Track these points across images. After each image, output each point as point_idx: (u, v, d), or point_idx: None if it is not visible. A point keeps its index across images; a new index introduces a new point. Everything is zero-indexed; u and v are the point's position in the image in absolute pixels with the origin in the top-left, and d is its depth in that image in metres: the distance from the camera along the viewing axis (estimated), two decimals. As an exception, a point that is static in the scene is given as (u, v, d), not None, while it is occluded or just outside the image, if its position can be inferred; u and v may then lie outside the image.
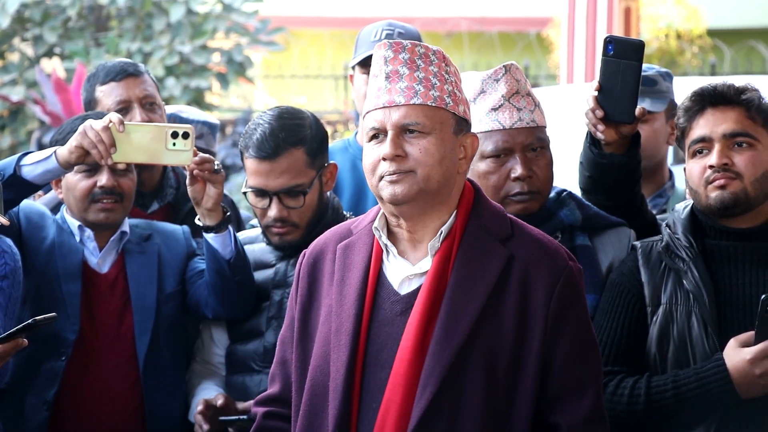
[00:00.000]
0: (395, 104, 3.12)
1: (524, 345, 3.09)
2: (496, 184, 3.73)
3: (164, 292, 4.14)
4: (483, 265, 3.12)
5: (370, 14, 15.39)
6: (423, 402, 3.03)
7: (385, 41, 3.18)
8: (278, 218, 4.00)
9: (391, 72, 3.15)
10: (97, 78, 4.50)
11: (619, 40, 3.82)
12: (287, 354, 3.28)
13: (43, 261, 4.07)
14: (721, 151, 3.53)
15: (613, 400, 3.50)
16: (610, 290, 3.65)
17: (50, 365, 4.03)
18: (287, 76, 14.97)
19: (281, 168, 3.97)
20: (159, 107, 4.50)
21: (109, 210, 4.07)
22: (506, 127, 3.72)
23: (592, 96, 3.80)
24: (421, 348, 3.07)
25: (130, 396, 4.07)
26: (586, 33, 10.96)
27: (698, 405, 3.44)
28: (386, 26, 4.93)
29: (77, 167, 4.01)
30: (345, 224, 3.31)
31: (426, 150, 3.10)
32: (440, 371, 3.04)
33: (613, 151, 3.83)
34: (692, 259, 3.54)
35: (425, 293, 3.10)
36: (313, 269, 3.25)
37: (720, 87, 3.59)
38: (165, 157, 3.87)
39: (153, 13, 10.98)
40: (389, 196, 3.10)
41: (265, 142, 3.95)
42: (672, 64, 14.38)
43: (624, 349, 3.57)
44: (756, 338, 3.37)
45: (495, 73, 3.76)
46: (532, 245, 3.17)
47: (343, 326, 3.12)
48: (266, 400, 3.34)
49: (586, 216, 3.80)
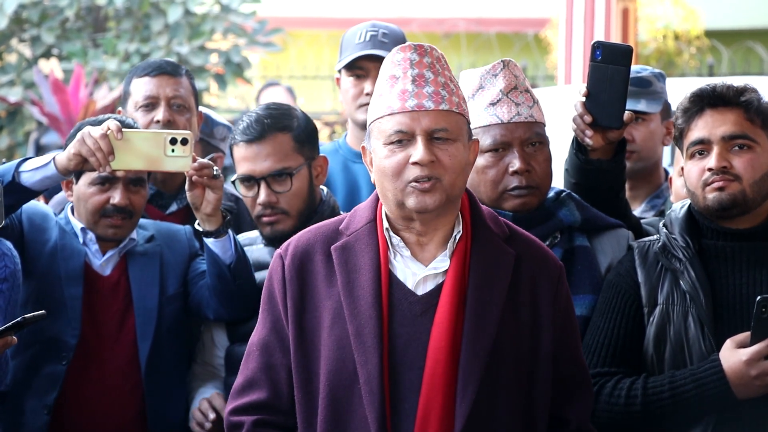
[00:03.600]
0: (424, 108, 3.12)
1: (539, 341, 3.19)
2: (494, 179, 3.73)
3: (166, 294, 4.13)
4: (497, 264, 3.18)
5: (367, 15, 15.38)
6: (467, 402, 3.07)
7: (409, 44, 3.19)
8: (266, 203, 4.02)
9: (417, 75, 3.15)
10: (136, 71, 4.52)
11: (607, 45, 3.82)
12: (273, 359, 3.22)
13: (45, 263, 4.07)
14: (719, 154, 3.52)
15: (610, 401, 3.51)
16: (607, 291, 3.65)
17: (51, 369, 4.02)
18: (285, 77, 14.95)
19: (267, 151, 4.01)
20: (188, 111, 4.49)
21: (117, 227, 4.08)
22: (504, 122, 3.72)
23: (580, 102, 3.80)
24: (453, 348, 3.10)
25: (132, 399, 4.06)
26: (584, 34, 10.96)
27: (695, 406, 3.44)
28: (370, 27, 4.93)
29: (91, 179, 4.03)
30: (326, 225, 3.28)
31: (454, 157, 3.13)
32: (478, 371, 3.09)
33: (600, 156, 3.84)
34: (689, 259, 3.54)
35: (449, 293, 3.13)
36: (302, 271, 3.21)
37: (719, 88, 3.57)
38: (164, 163, 3.86)
39: (151, 14, 10.97)
40: (418, 205, 3.11)
41: (251, 126, 4.03)
42: (670, 65, 14.39)
43: (621, 350, 3.57)
44: (752, 339, 3.38)
45: (493, 68, 3.76)
46: (529, 245, 3.25)
47: (365, 328, 3.11)
48: (250, 408, 3.23)
49: (586, 217, 3.80)
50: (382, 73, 3.21)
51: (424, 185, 3.10)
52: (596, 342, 3.59)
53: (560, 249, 3.76)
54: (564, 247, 3.76)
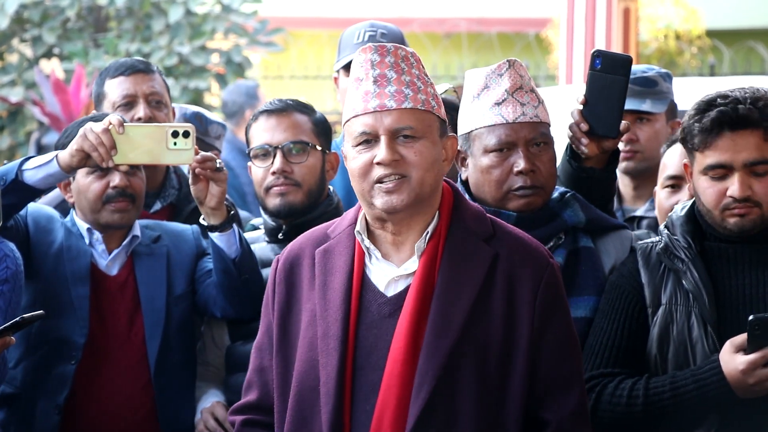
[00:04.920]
0: (386, 108, 3.12)
1: (513, 342, 3.14)
2: (499, 179, 3.72)
3: (174, 293, 4.14)
4: (469, 265, 3.16)
5: (368, 15, 15.37)
6: (419, 402, 3.06)
7: (370, 45, 3.19)
8: (281, 171, 4.05)
9: (378, 76, 3.15)
10: (108, 72, 4.53)
11: (607, 54, 3.82)
12: (265, 361, 3.26)
13: (52, 265, 4.07)
14: (742, 183, 3.47)
15: (612, 401, 3.50)
16: (610, 292, 3.64)
17: (60, 369, 4.02)
18: (286, 76, 14.94)
19: (287, 124, 4.10)
20: (165, 106, 4.51)
21: (123, 211, 4.08)
22: (509, 122, 3.71)
23: (577, 110, 3.80)
24: (413, 349, 3.09)
25: (142, 398, 4.07)
26: (585, 34, 10.96)
27: (696, 406, 3.44)
28: (368, 27, 4.94)
29: (87, 169, 4.02)
30: (320, 229, 3.31)
31: (420, 154, 3.13)
32: (434, 371, 3.07)
33: (593, 165, 3.84)
34: (691, 259, 3.54)
35: (414, 294, 3.12)
36: (290, 274, 3.24)
37: (742, 111, 3.47)
38: (166, 156, 3.86)
39: (152, 14, 10.96)
40: (385, 205, 3.12)
41: (274, 102, 4.15)
42: (671, 65, 14.37)
43: (624, 351, 3.57)
44: (748, 349, 3.38)
45: (499, 68, 3.75)
46: (514, 244, 3.22)
47: (331, 330, 3.13)
48: (244, 408, 3.31)
49: (590, 218, 3.80)
50: (350, 76, 3.24)
51: (389, 185, 3.11)
52: (599, 343, 3.59)
53: (564, 250, 3.76)
54: (568, 248, 3.76)
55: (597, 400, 3.51)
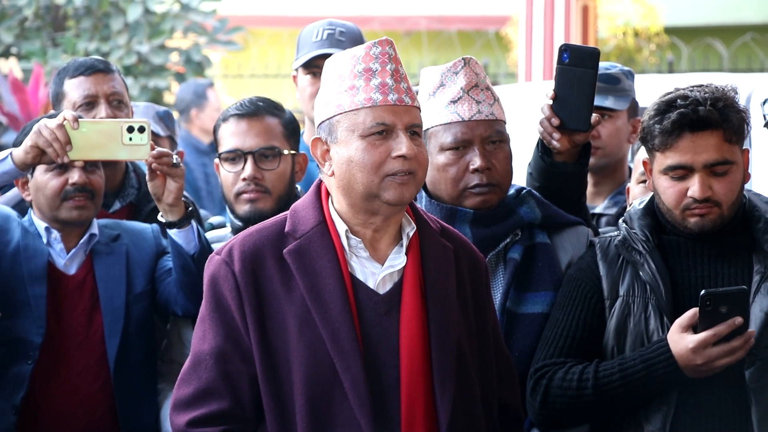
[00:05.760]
0: (404, 104, 3.17)
1: (484, 330, 3.29)
2: (455, 176, 3.73)
3: (133, 292, 4.13)
4: (444, 258, 3.24)
5: (328, 13, 15.36)
6: (447, 396, 3.13)
7: (386, 38, 3.21)
8: (252, 177, 4.03)
9: (394, 71, 3.18)
10: (67, 72, 4.50)
11: (574, 47, 3.83)
12: (231, 367, 3.14)
13: (8, 264, 4.05)
14: (703, 183, 3.49)
15: (562, 385, 3.53)
16: (568, 285, 3.66)
17: (17, 369, 4.00)
18: (246, 75, 14.91)
19: (258, 129, 4.06)
20: (126, 106, 4.50)
21: (81, 207, 4.06)
22: (465, 119, 3.72)
23: (547, 104, 3.81)
24: (423, 344, 3.15)
25: (101, 397, 4.06)
26: (544, 31, 10.98)
27: (644, 387, 3.47)
28: (327, 26, 4.93)
29: (46, 167, 4.01)
30: (267, 228, 3.22)
31: (423, 152, 3.19)
32: (451, 364, 3.15)
33: (565, 159, 3.85)
34: (649, 251, 3.57)
35: (411, 290, 3.17)
36: (255, 277, 3.15)
37: (703, 113, 3.48)
38: (122, 152, 3.83)
39: (110, 13, 10.90)
40: (396, 197, 3.13)
41: (244, 104, 4.10)
42: (630, 62, 14.42)
43: (578, 342, 3.59)
44: (699, 327, 3.40)
45: (454, 66, 3.76)
46: (457, 238, 3.33)
47: (340, 333, 3.11)
48: (212, 419, 3.14)
49: (546, 214, 3.82)
50: (350, 66, 3.18)
51: (403, 178, 3.13)
52: (554, 334, 3.61)
53: (521, 246, 3.77)
54: (525, 244, 3.78)
55: (547, 386, 3.54)
